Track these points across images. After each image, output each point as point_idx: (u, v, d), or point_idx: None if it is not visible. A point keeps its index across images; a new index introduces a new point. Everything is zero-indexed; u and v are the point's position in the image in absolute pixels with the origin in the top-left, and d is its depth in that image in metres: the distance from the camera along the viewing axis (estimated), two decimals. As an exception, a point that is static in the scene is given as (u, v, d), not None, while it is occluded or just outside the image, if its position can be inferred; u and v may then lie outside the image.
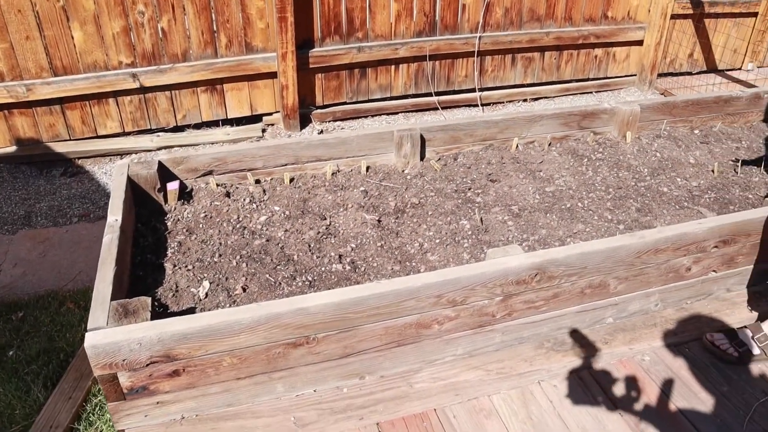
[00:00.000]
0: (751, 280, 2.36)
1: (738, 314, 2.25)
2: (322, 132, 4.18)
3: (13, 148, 3.85)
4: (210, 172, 2.63)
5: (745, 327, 2.06)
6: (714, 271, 2.24)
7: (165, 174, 2.58)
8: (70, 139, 3.94)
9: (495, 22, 4.41)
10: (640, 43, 4.98)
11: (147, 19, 3.73)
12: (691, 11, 5.05)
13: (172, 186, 2.54)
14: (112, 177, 2.45)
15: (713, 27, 5.28)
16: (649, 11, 4.86)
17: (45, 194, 3.72)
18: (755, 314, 2.26)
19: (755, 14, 5.37)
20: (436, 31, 4.29)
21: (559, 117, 2.98)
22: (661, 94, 5.04)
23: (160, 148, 4.04)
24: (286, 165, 2.68)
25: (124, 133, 4.04)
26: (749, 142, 3.34)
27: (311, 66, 4.08)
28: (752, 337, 2.00)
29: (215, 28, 3.87)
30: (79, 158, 3.98)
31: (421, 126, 2.73)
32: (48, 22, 3.58)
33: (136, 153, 4.02)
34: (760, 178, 2.92)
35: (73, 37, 3.66)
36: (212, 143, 4.09)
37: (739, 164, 2.99)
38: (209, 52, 3.92)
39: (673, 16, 4.99)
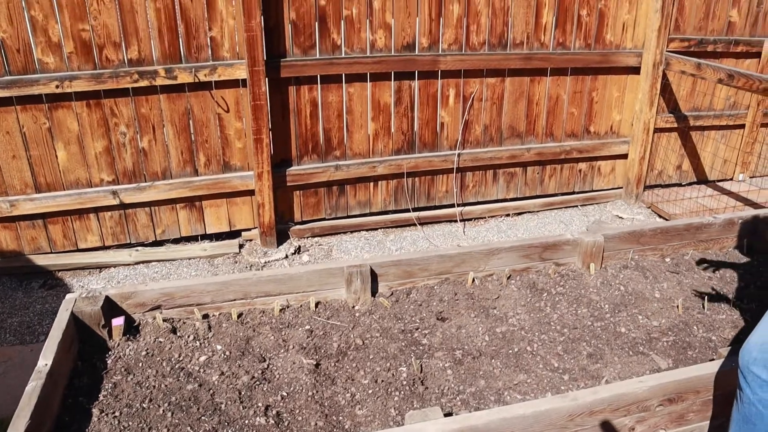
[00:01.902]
0: (709, 434, 2.24)
1: (690, 477, 2.12)
2: (299, 248, 4.20)
3: (-6, 261, 3.92)
4: (158, 307, 2.63)
5: None
6: (663, 429, 2.13)
7: (112, 308, 2.57)
8: (51, 252, 4.00)
9: (474, 138, 4.48)
10: (624, 156, 5.01)
11: (128, 139, 3.85)
12: (675, 125, 5.09)
13: (117, 322, 2.53)
14: (58, 314, 2.45)
15: (700, 139, 5.30)
16: (632, 125, 4.90)
17: (20, 308, 3.74)
18: (709, 477, 2.13)
19: (742, 126, 5.39)
20: (415, 148, 4.36)
21: (519, 249, 2.96)
22: (648, 207, 5.00)
23: (137, 263, 4.08)
24: (234, 300, 2.66)
25: (104, 247, 4.09)
26: (723, 270, 3.26)
27: (289, 184, 4.14)
28: None
29: (194, 148, 3.98)
30: (59, 271, 4.02)
31: (372, 262, 2.72)
32: (34, 142, 3.71)
33: (114, 267, 4.06)
34: (727, 315, 2.83)
35: (57, 156, 3.78)
36: (189, 258, 4.12)
37: (705, 300, 2.91)
38: (188, 171, 4.01)
39: (658, 130, 5.02)
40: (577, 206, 4.98)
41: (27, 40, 3.53)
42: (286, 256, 4.12)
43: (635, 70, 4.73)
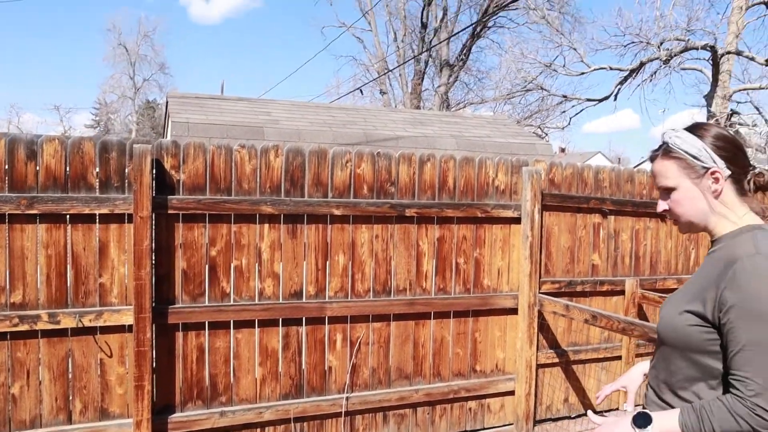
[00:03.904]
0: None
1: None
2: (175, 502, 3.92)
3: None
4: None
5: None
6: None
7: None
8: None
9: (363, 381, 4.55)
10: (512, 393, 5.16)
11: (-1, 386, 3.68)
12: (557, 360, 5.37)
13: None
14: None
15: (583, 371, 5.58)
16: (516, 362, 5.14)
17: None
18: None
19: (619, 357, 5.74)
20: (303, 393, 4.37)
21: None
22: (539, 444, 5.07)
23: None
24: None
25: None
26: None
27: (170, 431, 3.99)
28: None
29: (71, 394, 3.84)
30: None
31: None
32: None
33: None
34: None
35: None
36: None
37: None
38: (61, 418, 3.82)
39: (541, 365, 5.27)
40: (470, 445, 4.99)
41: None
42: None
43: (513, 311, 5.08)
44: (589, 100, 20.22)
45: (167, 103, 9.12)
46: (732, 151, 1.76)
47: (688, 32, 17.97)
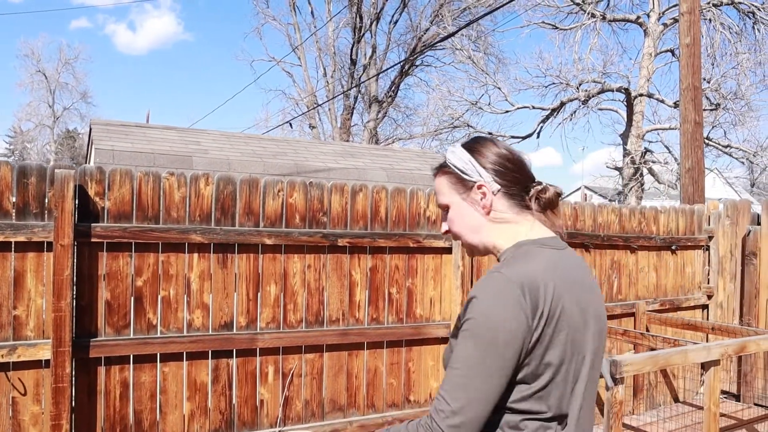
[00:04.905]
0: None
1: None
2: None
3: None
4: None
5: None
6: None
7: None
8: None
9: (296, 414, 4.44)
10: (445, 423, 5.15)
11: None
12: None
13: None
14: None
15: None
16: (449, 394, 5.14)
17: None
18: None
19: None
20: (234, 427, 4.22)
21: None
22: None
23: None
24: None
25: None
26: None
27: (88, 474, 3.76)
28: None
29: (-21, 438, 3.57)
30: None
31: None
32: None
33: None
34: None
35: None
36: None
37: None
38: (-33, 465, 3.53)
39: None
40: (402, 478, 4.92)
41: None
42: None
43: (446, 341, 5.09)
44: (513, 137, 20.96)
45: (90, 130, 8.81)
46: (501, 164, 1.64)
47: (604, 75, 19.03)
